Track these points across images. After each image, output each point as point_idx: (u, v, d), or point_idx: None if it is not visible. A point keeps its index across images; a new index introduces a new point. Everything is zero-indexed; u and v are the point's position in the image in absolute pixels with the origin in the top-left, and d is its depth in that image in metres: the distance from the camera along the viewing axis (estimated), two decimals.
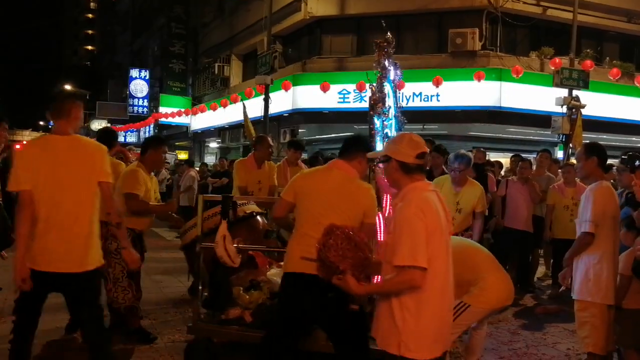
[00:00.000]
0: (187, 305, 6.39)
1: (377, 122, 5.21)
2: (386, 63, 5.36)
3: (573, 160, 10.40)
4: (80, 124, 3.63)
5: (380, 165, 3.04)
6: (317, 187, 3.56)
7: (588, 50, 16.08)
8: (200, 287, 4.76)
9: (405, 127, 18.10)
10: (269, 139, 6.92)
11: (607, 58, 16.88)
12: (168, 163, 19.66)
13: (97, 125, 35.62)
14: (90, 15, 69.75)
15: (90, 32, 69.44)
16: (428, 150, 2.89)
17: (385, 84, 5.29)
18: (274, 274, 4.73)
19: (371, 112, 5.12)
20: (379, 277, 2.91)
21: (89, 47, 70.15)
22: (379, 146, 4.90)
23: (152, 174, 5.27)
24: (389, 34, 5.37)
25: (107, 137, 5.35)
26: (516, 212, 7.62)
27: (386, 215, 4.40)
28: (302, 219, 3.53)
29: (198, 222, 4.74)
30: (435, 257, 2.65)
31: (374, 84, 5.26)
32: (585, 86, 14.07)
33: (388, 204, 4.51)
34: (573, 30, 14.65)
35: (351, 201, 3.47)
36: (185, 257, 5.44)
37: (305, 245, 3.32)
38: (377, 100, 5.18)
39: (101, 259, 3.57)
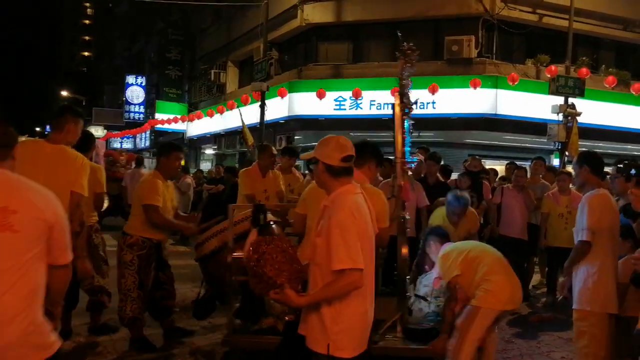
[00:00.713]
0: (182, 312, 6.34)
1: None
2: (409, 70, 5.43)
3: (568, 169, 10.41)
4: (76, 137, 3.64)
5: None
6: (319, 195, 3.51)
7: (584, 58, 16.10)
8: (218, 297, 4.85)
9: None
10: (273, 147, 6.86)
11: (603, 66, 16.90)
12: None
13: (93, 131, 35.51)
14: (87, 21, 69.81)
15: (87, 38, 69.48)
16: (353, 154, 2.92)
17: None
18: None
19: (404, 117, 5.20)
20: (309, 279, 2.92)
21: (86, 53, 70.15)
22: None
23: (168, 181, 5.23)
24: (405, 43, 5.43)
25: (84, 140, 5.05)
26: (511, 219, 7.59)
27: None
28: (311, 225, 3.62)
29: (229, 230, 4.56)
30: (364, 259, 2.71)
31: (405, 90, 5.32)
32: (581, 94, 14.08)
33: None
34: (569, 37, 14.67)
35: None
36: (201, 268, 5.18)
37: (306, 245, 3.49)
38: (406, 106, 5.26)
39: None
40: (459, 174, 8.35)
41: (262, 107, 15.79)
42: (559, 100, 13.92)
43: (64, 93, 50.05)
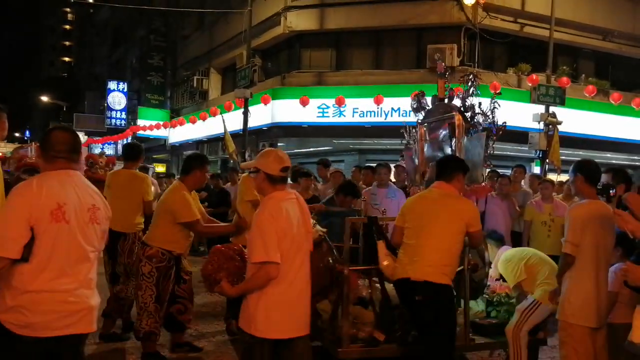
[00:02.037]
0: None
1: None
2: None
3: (550, 176, 10.50)
4: (4, 134, 3.60)
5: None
6: (419, 205, 4.21)
7: (564, 68, 16.30)
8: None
9: (384, 141, 18.13)
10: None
11: (583, 75, 17.12)
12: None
13: None
14: (67, 27, 69.23)
15: (67, 43, 68.87)
16: (289, 165, 3.38)
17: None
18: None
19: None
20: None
21: (67, 59, 69.55)
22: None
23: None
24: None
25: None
26: (495, 227, 7.60)
27: None
28: (408, 232, 4.13)
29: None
30: (286, 255, 3.17)
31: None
32: (562, 103, 14.25)
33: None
34: (550, 47, 14.85)
35: (453, 214, 4.05)
36: None
37: (409, 253, 4.05)
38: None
39: None
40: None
41: (245, 113, 15.73)
42: (540, 108, 14.06)
43: (44, 99, 49.46)
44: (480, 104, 5.97)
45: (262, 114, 17.00)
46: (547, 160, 13.12)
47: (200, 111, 21.10)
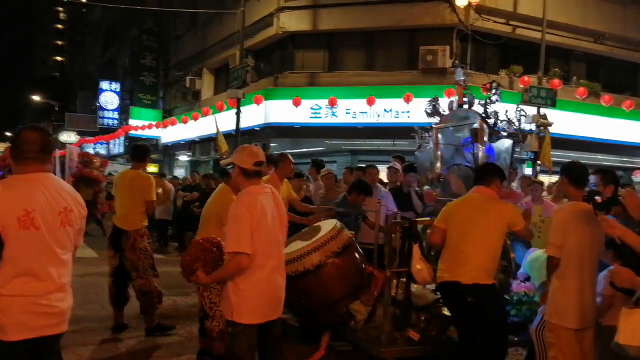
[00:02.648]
0: (158, 319, 6.25)
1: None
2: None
3: (541, 178, 10.55)
4: None
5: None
6: (462, 209, 4.36)
7: (556, 69, 16.38)
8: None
9: (376, 142, 18.16)
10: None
11: (574, 77, 17.21)
12: None
13: (65, 137, 35.05)
14: (59, 26, 68.92)
15: (59, 42, 68.58)
16: (264, 160, 3.58)
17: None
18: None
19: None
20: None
21: (59, 58, 69.22)
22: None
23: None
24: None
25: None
26: None
27: None
28: (450, 234, 4.32)
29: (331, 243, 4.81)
30: (263, 245, 3.37)
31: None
32: (553, 104, 14.31)
33: None
34: (541, 49, 14.93)
35: (495, 217, 4.26)
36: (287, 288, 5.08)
37: (455, 256, 4.25)
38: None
39: None
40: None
41: (238, 114, 15.72)
42: (532, 110, 14.12)
43: (36, 98, 49.21)
44: (506, 111, 6.17)
45: (255, 115, 16.99)
46: (539, 162, 13.19)
47: (193, 111, 21.08)
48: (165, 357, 5.29)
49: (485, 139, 6.05)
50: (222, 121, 16.28)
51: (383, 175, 8.24)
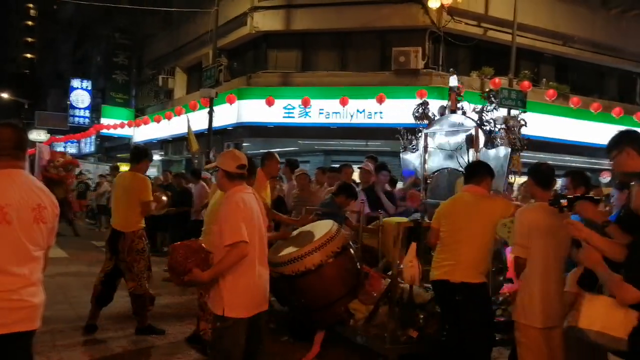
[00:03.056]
0: (129, 320, 6.23)
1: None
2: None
3: (510, 179, 10.67)
4: None
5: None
6: (454, 208, 4.45)
7: (526, 72, 16.61)
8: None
9: (349, 142, 18.18)
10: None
11: (544, 79, 17.47)
12: (104, 176, 19.16)
13: (35, 135, 34.45)
14: (30, 23, 67.63)
15: (30, 39, 67.28)
16: (246, 163, 3.77)
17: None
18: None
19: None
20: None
21: (29, 55, 67.91)
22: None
23: None
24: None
25: None
26: None
27: None
28: (443, 234, 4.43)
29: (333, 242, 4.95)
30: (250, 241, 3.50)
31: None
32: (523, 106, 14.51)
33: None
34: (512, 51, 15.16)
35: (486, 214, 4.34)
36: (281, 285, 5.15)
37: (447, 255, 4.33)
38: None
39: None
40: (403, 184, 8.47)
41: (210, 113, 15.64)
42: (502, 112, 14.31)
43: (5, 95, 48.22)
44: (506, 120, 6.41)
45: (228, 114, 16.93)
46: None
47: (166, 110, 20.90)
48: (135, 358, 5.25)
49: (481, 145, 6.20)
50: (195, 120, 16.21)
51: (356, 176, 8.30)
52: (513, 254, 4.03)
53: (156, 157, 25.90)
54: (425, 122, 6.88)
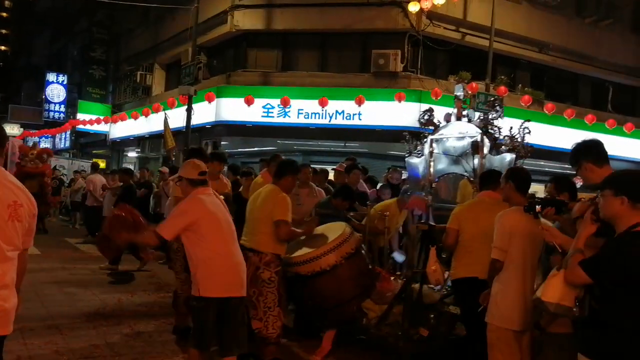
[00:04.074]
0: (102, 318, 6.20)
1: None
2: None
3: None
4: None
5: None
6: (473, 211, 4.67)
7: (502, 77, 16.85)
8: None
9: (328, 143, 18.26)
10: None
11: (520, 85, 17.74)
12: (79, 172, 18.93)
13: (8, 129, 33.85)
14: (4, 14, 66.34)
15: (4, 31, 65.99)
16: (206, 170, 4.29)
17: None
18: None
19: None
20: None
21: (2, 47, 66.59)
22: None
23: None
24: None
25: None
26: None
27: None
28: (464, 235, 4.65)
29: (347, 243, 5.13)
30: (210, 233, 4.05)
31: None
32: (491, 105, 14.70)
33: None
34: (489, 56, 15.37)
35: None
36: (295, 286, 5.30)
37: (468, 254, 4.59)
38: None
39: None
40: (380, 186, 8.56)
41: (189, 111, 15.57)
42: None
43: None
44: (511, 127, 6.61)
45: (206, 112, 16.87)
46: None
47: (143, 107, 20.73)
48: (107, 357, 5.22)
49: (486, 151, 6.42)
50: (173, 118, 16.12)
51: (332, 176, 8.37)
52: (492, 256, 4.05)
53: (132, 154, 25.71)
54: (431, 128, 7.11)
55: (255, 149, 17.96)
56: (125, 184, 11.20)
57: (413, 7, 14.91)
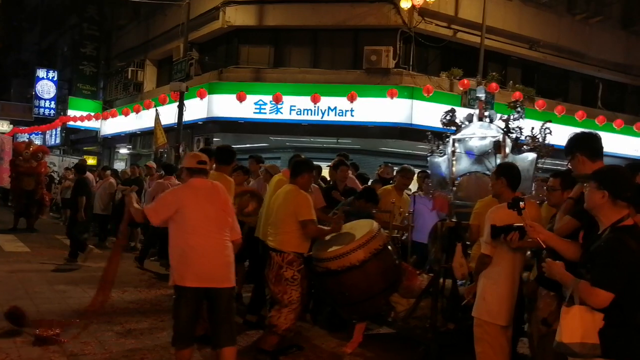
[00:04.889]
0: (94, 316, 6.16)
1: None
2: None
3: None
4: None
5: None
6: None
7: (494, 74, 16.90)
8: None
9: (320, 139, 18.24)
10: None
11: (511, 82, 17.81)
12: (69, 169, 18.82)
13: None
14: None
15: None
16: (206, 160, 4.39)
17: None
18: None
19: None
20: None
21: None
22: None
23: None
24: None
25: None
26: (423, 226, 7.79)
27: None
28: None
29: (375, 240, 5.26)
30: (191, 220, 4.09)
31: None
32: (491, 107, 14.77)
33: None
34: (480, 53, 15.42)
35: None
36: (322, 283, 5.48)
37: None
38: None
39: None
40: (372, 181, 8.57)
41: (181, 107, 15.52)
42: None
43: None
44: (532, 128, 6.68)
45: (198, 108, 16.82)
46: None
47: (134, 103, 20.65)
48: (97, 354, 5.19)
49: (508, 151, 6.59)
50: (165, 114, 16.08)
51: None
52: (483, 252, 4.11)
53: (124, 150, 25.60)
54: (453, 128, 7.28)
55: (248, 145, 17.92)
56: (78, 177, 11.30)
57: (405, 4, 14.94)
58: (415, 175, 9.99)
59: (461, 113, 7.42)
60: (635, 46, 20.31)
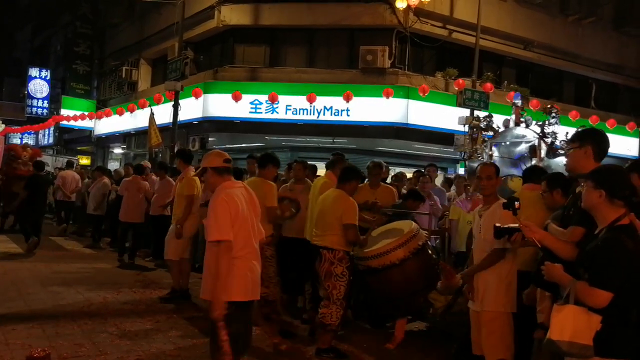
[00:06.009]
0: (86, 317, 6.12)
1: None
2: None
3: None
4: None
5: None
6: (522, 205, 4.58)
7: (489, 74, 16.96)
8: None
9: (316, 139, 18.25)
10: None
11: (505, 82, 17.86)
12: (60, 169, 18.71)
13: None
14: None
15: None
16: (230, 158, 3.99)
17: None
18: None
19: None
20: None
21: None
22: None
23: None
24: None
25: None
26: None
27: None
28: None
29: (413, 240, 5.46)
30: (240, 231, 3.71)
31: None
32: (486, 107, 14.83)
33: None
34: (475, 53, 15.44)
35: (541, 207, 4.69)
36: (366, 279, 5.73)
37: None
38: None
39: None
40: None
41: (176, 107, 15.45)
42: (466, 112, 14.58)
43: None
44: (567, 133, 6.79)
45: (193, 108, 16.76)
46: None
47: (129, 103, 20.54)
48: (92, 356, 5.14)
49: (543, 155, 6.76)
50: (160, 114, 15.99)
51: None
52: (497, 246, 4.15)
53: (118, 150, 25.49)
54: (490, 133, 7.42)
55: (243, 145, 17.88)
56: (33, 174, 11.60)
57: (400, 4, 14.97)
58: (410, 174, 10.02)
59: (456, 112, 7.45)
60: (628, 47, 20.48)
